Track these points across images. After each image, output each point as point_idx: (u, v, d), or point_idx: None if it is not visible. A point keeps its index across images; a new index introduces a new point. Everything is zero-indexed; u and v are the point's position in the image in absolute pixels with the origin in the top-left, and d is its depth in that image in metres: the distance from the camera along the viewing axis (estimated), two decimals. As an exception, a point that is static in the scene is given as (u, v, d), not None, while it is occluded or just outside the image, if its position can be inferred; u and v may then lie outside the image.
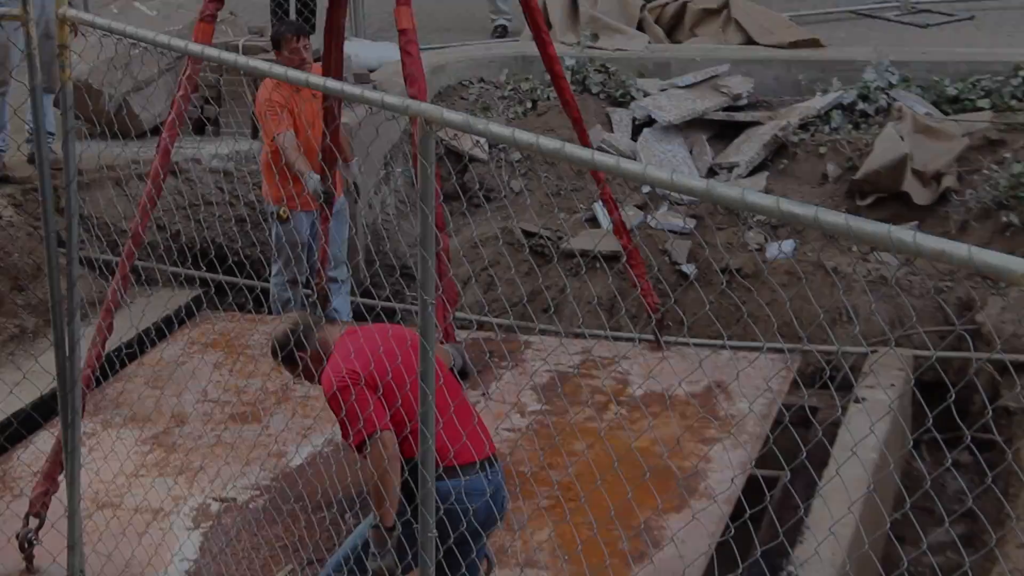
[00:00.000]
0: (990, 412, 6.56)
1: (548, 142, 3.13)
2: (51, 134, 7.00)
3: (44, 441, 6.21)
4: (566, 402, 6.45)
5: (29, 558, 5.38)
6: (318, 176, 6.97)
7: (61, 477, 5.08)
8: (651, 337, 7.09)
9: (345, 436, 4.57)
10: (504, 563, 5.12)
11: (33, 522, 5.37)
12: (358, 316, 7.70)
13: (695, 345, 7.00)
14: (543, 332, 7.26)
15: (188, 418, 6.59)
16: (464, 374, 5.01)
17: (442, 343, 5.13)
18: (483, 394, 6.38)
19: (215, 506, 5.84)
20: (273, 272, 7.81)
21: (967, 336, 7.13)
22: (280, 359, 4.90)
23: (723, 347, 6.55)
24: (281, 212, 7.42)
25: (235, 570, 5.34)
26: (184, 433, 6.44)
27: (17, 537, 5.37)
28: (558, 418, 6.26)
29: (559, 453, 5.89)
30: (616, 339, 7.30)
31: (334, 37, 6.53)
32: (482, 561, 4.73)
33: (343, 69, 6.81)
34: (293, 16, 9.60)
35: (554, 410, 6.39)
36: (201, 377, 6.86)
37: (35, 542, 5.36)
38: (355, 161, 7.67)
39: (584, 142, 6.73)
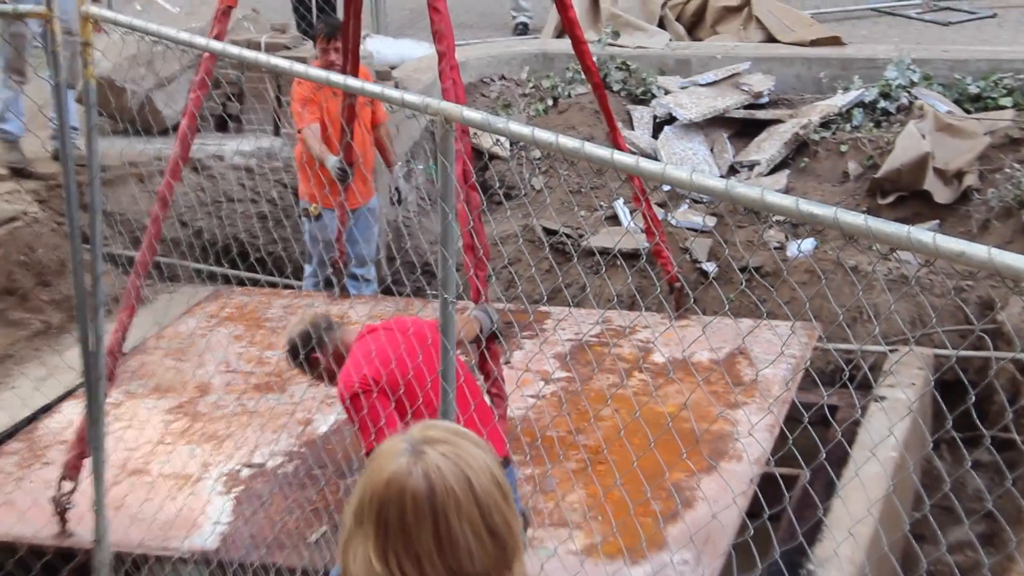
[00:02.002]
0: (1010, 412, 6.57)
1: (568, 141, 3.13)
2: (75, 129, 7.06)
3: (71, 409, 6.28)
4: (595, 365, 6.51)
5: (63, 520, 5.42)
6: (336, 157, 7.04)
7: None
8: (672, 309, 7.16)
9: (360, 441, 4.63)
10: (537, 522, 5.19)
11: (67, 486, 5.41)
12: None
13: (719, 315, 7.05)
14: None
15: (211, 388, 6.64)
16: (495, 336, 5.00)
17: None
18: (506, 362, 6.44)
19: (244, 471, 5.89)
20: (307, 272, 7.90)
21: (987, 336, 7.13)
22: (300, 359, 4.95)
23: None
24: (312, 208, 7.49)
25: (269, 532, 5.38)
26: (208, 402, 6.50)
27: (52, 500, 5.41)
28: (584, 384, 6.32)
29: (585, 418, 5.91)
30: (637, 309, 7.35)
31: (352, 12, 6.55)
32: None
33: (359, 45, 6.80)
34: (316, 14, 9.68)
35: (578, 377, 6.45)
36: (220, 349, 6.96)
37: (68, 505, 5.40)
38: (397, 166, 7.74)
39: (613, 132, 6.80)
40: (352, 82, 4.26)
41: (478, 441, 1.91)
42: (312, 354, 4.91)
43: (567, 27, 6.54)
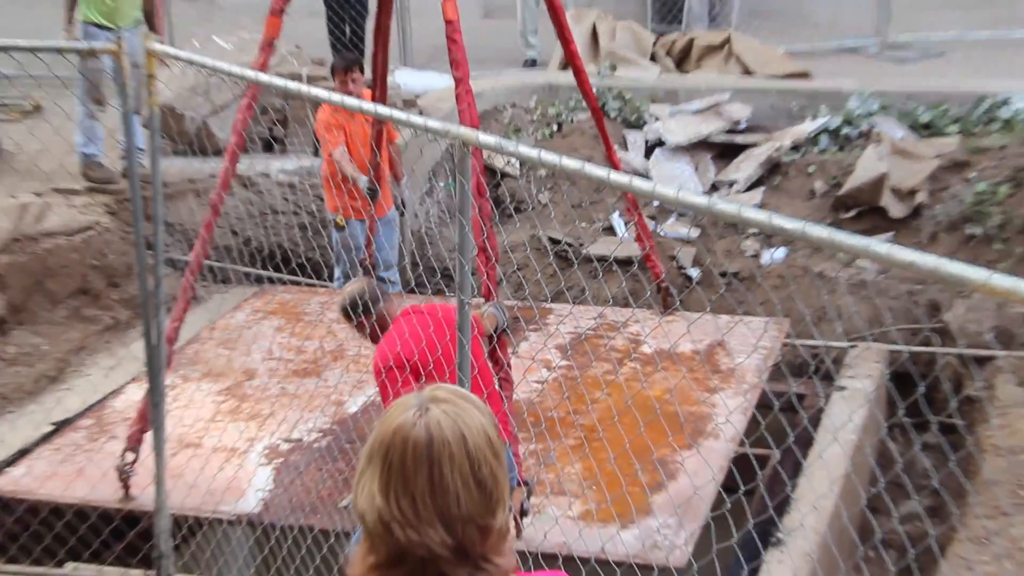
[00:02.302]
0: (954, 401, 6.57)
1: (570, 162, 3.12)
2: (141, 149, 7.08)
3: (134, 391, 6.33)
4: (591, 355, 6.53)
5: (126, 487, 5.46)
6: (366, 177, 7.04)
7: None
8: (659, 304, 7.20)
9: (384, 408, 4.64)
10: (540, 492, 5.21)
11: (129, 456, 5.44)
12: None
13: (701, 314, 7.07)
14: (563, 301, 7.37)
15: (256, 373, 6.67)
16: (504, 330, 5.02)
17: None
18: (513, 352, 6.45)
19: (284, 445, 5.91)
20: (336, 275, 7.87)
21: (935, 334, 7.13)
22: (351, 315, 4.96)
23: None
24: (337, 220, 7.50)
25: (305, 499, 5.41)
26: (253, 385, 6.54)
27: (116, 469, 5.46)
28: (581, 371, 6.33)
29: (583, 401, 5.93)
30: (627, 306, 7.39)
31: (381, 39, 6.52)
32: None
33: (387, 77, 6.80)
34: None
35: (576, 364, 6.46)
36: (265, 339, 7.00)
37: (130, 473, 5.44)
38: (404, 180, 7.76)
39: (610, 154, 6.79)
40: (382, 109, 4.27)
41: (479, 405, 1.93)
42: (363, 314, 4.94)
43: (569, 59, 6.53)
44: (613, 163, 6.78)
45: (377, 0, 6.33)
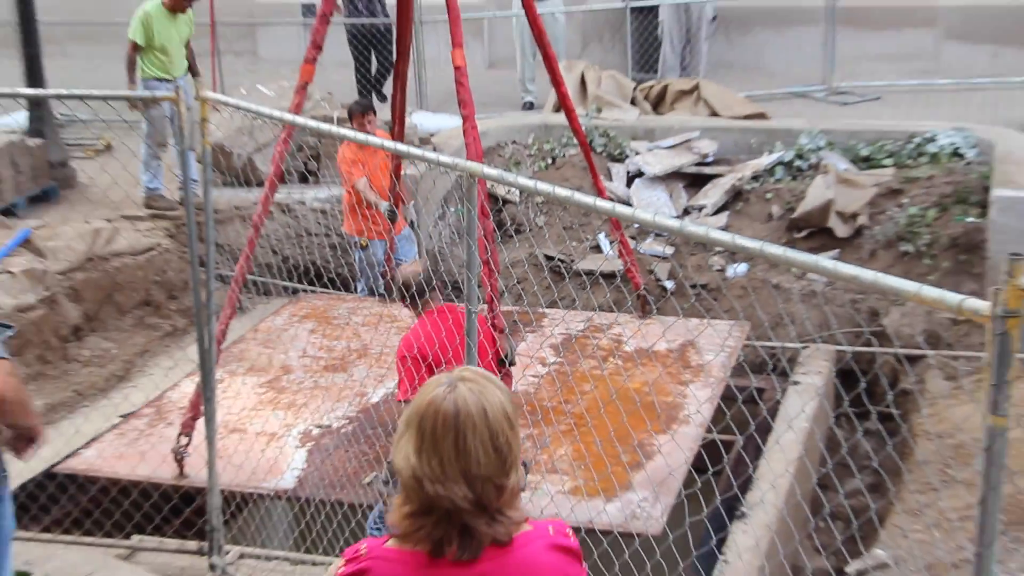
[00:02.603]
0: (890, 394, 6.59)
1: (562, 190, 3.11)
2: (195, 181, 7.15)
3: (187, 385, 6.27)
4: (580, 353, 6.46)
5: (181, 468, 5.42)
6: (387, 203, 7.09)
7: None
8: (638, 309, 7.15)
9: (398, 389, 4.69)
10: (535, 470, 5.18)
11: (183, 440, 5.41)
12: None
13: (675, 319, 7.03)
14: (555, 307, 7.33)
15: (292, 368, 6.62)
16: (512, 360, 5.05)
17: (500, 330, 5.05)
18: (511, 363, 6.46)
19: (315, 431, 5.86)
20: (358, 289, 7.88)
21: (874, 336, 7.14)
22: (403, 293, 4.88)
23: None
24: (361, 241, 7.55)
25: (333, 476, 5.36)
26: (290, 379, 6.48)
27: (172, 452, 5.44)
28: (571, 367, 6.26)
29: (573, 392, 5.88)
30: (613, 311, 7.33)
31: (400, 84, 6.56)
32: None
33: (405, 118, 6.84)
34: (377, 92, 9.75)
35: (567, 361, 6.39)
36: (300, 340, 6.94)
37: (184, 455, 5.41)
38: (412, 204, 7.81)
39: (596, 184, 6.80)
40: (401, 147, 4.30)
41: (500, 385, 2.01)
42: (409, 294, 4.87)
43: (561, 100, 6.50)
44: (599, 191, 6.78)
45: (396, 51, 6.42)
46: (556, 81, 6.48)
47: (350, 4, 10.50)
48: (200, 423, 5.07)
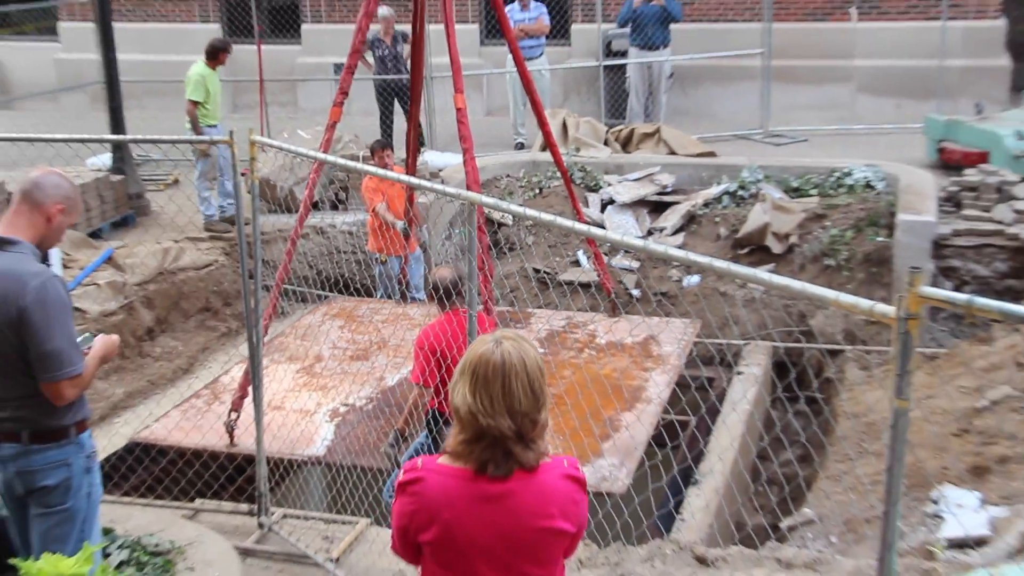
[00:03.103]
0: (815, 382, 6.63)
1: (547, 217, 3.08)
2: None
3: (237, 371, 6.28)
4: (560, 345, 6.45)
5: (231, 437, 5.41)
6: (402, 222, 7.08)
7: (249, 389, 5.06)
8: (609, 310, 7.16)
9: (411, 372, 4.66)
10: None
11: (233, 416, 5.40)
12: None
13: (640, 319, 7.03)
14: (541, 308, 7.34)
15: (323, 357, 6.60)
16: None
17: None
18: None
19: (342, 408, 5.84)
20: (378, 295, 7.86)
21: (803, 335, 7.17)
22: (433, 293, 4.67)
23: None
24: (381, 257, 7.56)
25: (356, 445, 5.36)
26: (321, 366, 6.46)
27: (224, 425, 5.45)
28: (554, 357, 6.26)
29: (555, 377, 5.86)
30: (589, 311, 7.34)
31: (412, 126, 6.56)
32: None
33: (417, 155, 6.80)
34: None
35: (550, 352, 6.39)
36: (331, 334, 6.91)
37: (234, 427, 5.39)
38: (424, 227, 7.81)
39: (576, 210, 6.78)
40: (413, 180, 4.30)
41: (533, 344, 2.12)
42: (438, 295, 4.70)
43: (546, 138, 6.51)
44: (578, 216, 6.78)
45: (410, 98, 6.44)
46: (542, 126, 6.52)
47: (380, 63, 10.54)
48: (247, 402, 5.06)
